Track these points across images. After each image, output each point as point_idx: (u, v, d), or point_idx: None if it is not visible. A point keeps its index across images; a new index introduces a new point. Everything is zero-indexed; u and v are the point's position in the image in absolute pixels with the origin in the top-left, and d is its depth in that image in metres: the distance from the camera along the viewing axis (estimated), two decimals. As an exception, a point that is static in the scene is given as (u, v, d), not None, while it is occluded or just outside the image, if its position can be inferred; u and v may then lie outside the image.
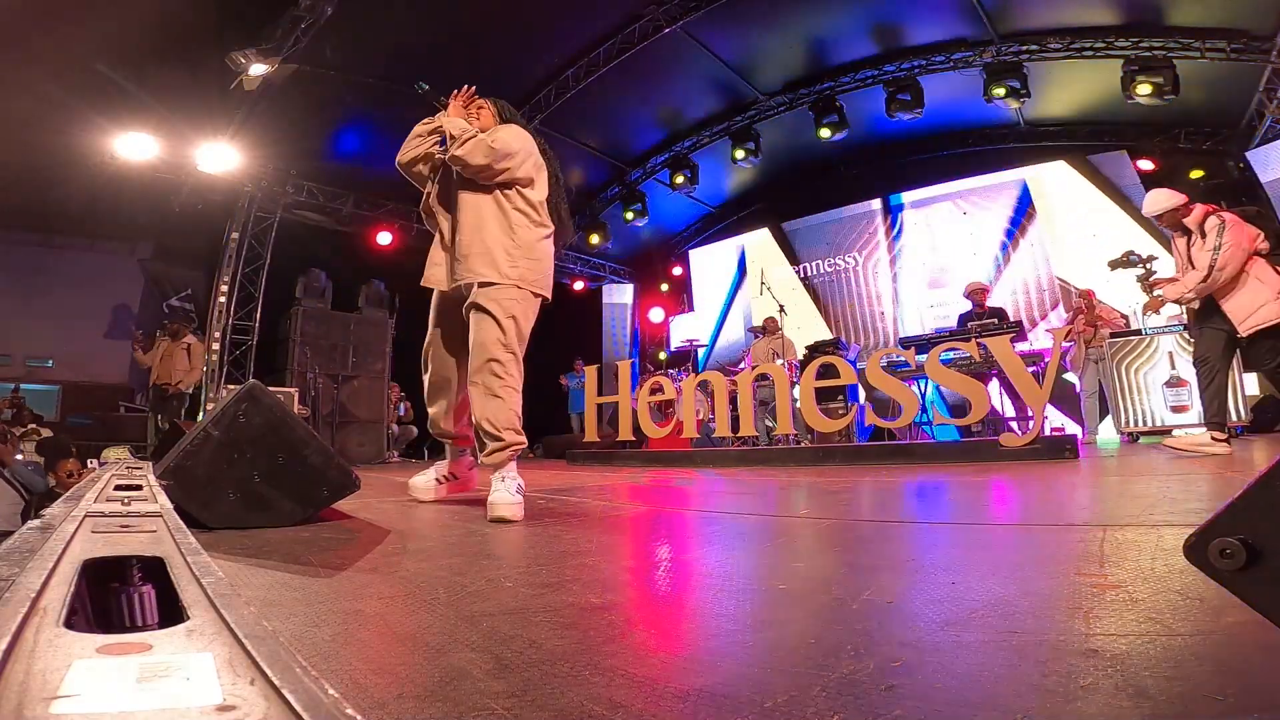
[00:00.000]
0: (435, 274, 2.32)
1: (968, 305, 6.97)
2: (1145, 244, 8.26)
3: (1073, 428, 7.34)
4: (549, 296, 2.31)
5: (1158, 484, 2.40)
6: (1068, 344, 6.48)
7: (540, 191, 2.31)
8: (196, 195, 7.99)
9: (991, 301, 7.39)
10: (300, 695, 0.38)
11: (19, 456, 5.82)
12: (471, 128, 2.25)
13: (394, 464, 8.05)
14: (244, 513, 1.81)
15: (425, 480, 2.53)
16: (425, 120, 2.43)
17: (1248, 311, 3.62)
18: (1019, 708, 0.55)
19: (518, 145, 2.24)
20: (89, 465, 5.68)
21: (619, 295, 12.74)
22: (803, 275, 10.90)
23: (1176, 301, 4.06)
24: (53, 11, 5.58)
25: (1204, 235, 3.78)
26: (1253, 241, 3.72)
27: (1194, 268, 3.78)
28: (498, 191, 2.24)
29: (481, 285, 2.16)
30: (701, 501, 2.64)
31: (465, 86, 2.43)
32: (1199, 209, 3.89)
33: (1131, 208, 8.41)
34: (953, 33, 7.66)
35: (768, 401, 6.83)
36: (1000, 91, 7.56)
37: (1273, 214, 7.27)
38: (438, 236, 2.36)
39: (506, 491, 2.03)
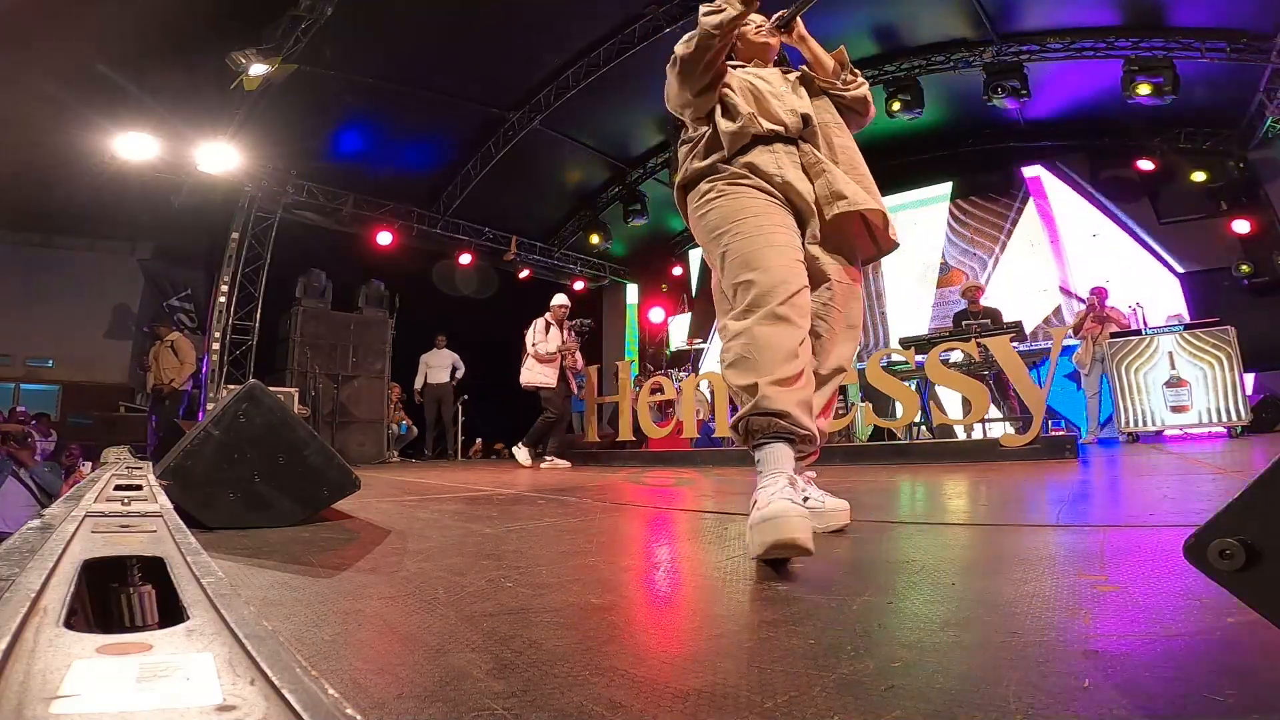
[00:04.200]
0: (837, 184, 1.59)
1: (964, 304, 6.98)
2: (1144, 244, 8.29)
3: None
4: None
5: (1158, 484, 2.40)
6: (1074, 342, 6.48)
7: None
8: (196, 195, 7.99)
9: (991, 302, 7.39)
10: (300, 695, 0.38)
11: (37, 458, 5.87)
12: None
13: (394, 464, 8.05)
14: (244, 513, 1.81)
15: (792, 502, 1.48)
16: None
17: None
18: (1019, 708, 0.55)
19: None
20: (80, 468, 5.72)
21: (619, 295, 12.74)
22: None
23: None
24: (53, 11, 5.58)
25: None
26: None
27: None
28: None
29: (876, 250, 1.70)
30: (701, 502, 2.64)
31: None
32: None
33: (1131, 208, 8.42)
34: (953, 33, 7.66)
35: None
36: (1000, 91, 7.56)
37: (1274, 214, 7.28)
38: (805, 150, 1.63)
39: (824, 497, 1.61)
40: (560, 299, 6.28)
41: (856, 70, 1.80)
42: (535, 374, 5.93)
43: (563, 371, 6.12)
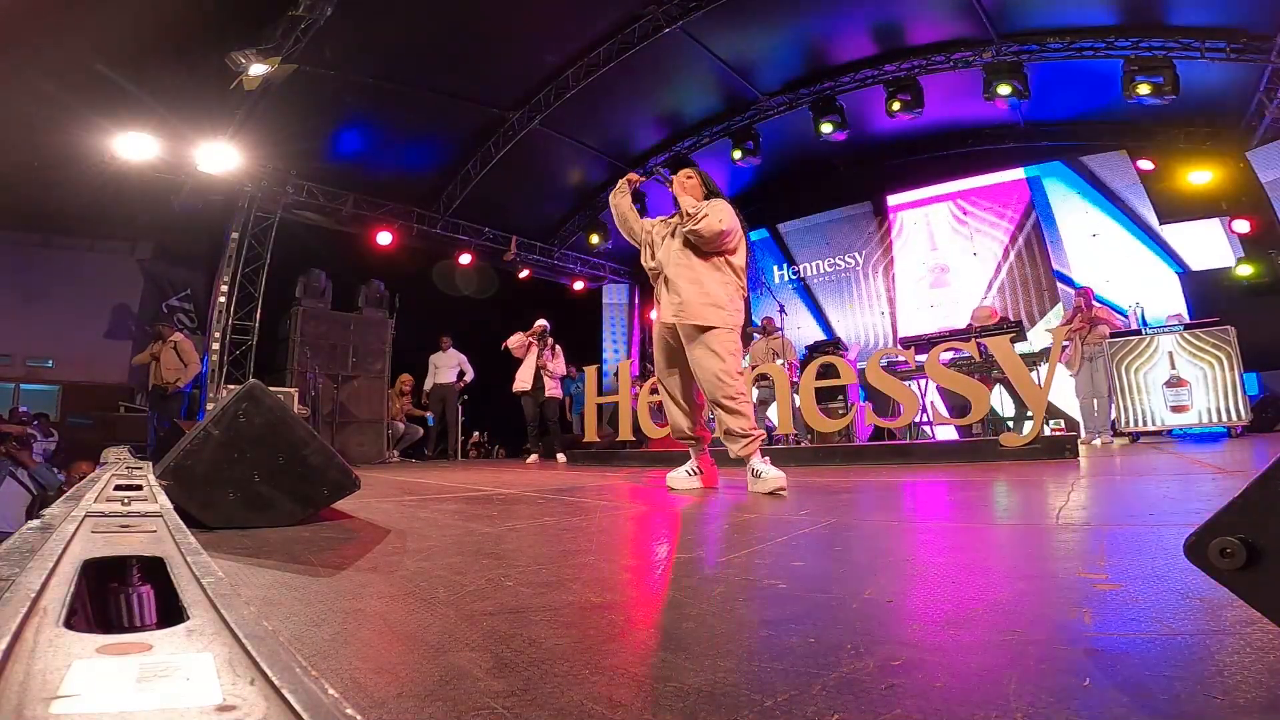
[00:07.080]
0: (665, 311, 2.91)
1: (969, 311, 6.95)
2: (1144, 244, 8.29)
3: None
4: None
5: (1158, 484, 2.40)
6: (1064, 343, 6.47)
7: (741, 258, 2.91)
8: (196, 195, 7.98)
9: (989, 304, 7.38)
10: (300, 695, 0.38)
11: (37, 458, 5.88)
12: (700, 205, 2.83)
13: (394, 464, 8.04)
14: (244, 513, 1.81)
15: (681, 474, 3.04)
16: (619, 191, 3.21)
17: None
18: (1019, 707, 0.55)
19: (733, 224, 2.80)
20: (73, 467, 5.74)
21: (619, 295, 12.73)
22: (802, 275, 10.89)
23: None
24: (53, 11, 5.57)
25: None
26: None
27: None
28: (713, 256, 2.83)
29: (705, 329, 2.76)
30: (701, 501, 2.64)
31: (682, 170, 3.10)
32: None
33: (1131, 208, 8.42)
34: (953, 33, 7.65)
35: (767, 402, 6.84)
36: (1000, 91, 7.56)
37: (1273, 214, 7.28)
38: (662, 283, 2.94)
39: (767, 470, 2.63)
40: (538, 322, 7.23)
41: (694, 211, 2.82)
42: (517, 383, 7.17)
43: (538, 377, 7.03)
